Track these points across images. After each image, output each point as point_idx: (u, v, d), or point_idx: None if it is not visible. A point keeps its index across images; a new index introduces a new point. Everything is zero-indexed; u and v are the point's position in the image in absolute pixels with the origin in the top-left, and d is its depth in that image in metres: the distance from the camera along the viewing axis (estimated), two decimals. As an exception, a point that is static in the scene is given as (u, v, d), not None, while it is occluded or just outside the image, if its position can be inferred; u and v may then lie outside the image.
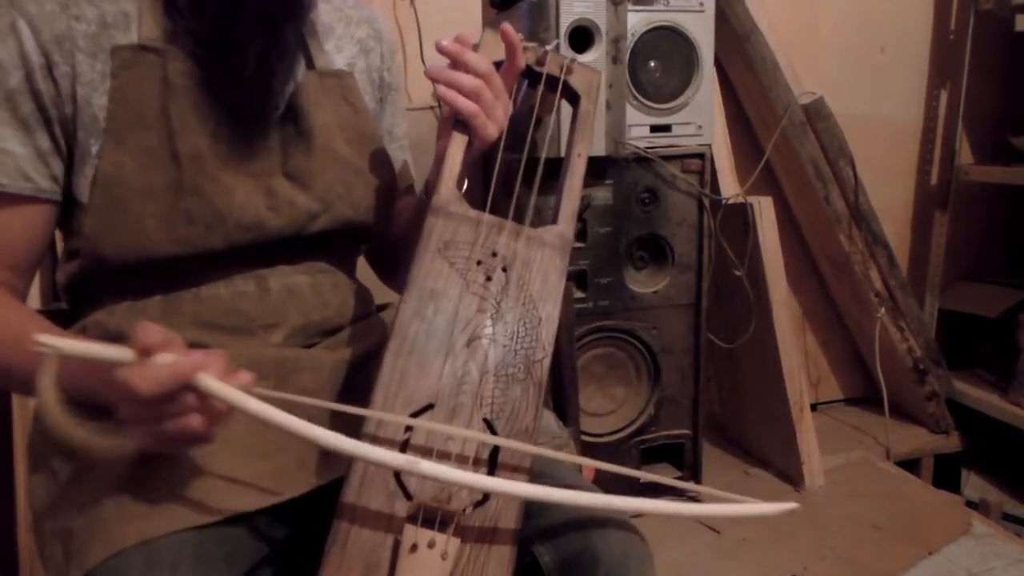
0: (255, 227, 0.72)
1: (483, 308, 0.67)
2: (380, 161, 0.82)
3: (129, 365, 0.53)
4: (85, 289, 0.74)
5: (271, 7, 0.70)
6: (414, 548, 0.59)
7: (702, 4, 1.45)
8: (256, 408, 0.56)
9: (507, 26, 0.72)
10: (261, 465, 0.67)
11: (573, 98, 0.78)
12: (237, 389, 0.56)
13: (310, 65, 0.79)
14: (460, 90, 0.70)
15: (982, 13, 1.96)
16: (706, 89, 1.48)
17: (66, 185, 0.71)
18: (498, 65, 0.74)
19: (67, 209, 0.72)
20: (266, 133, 0.73)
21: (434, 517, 0.60)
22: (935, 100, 2.11)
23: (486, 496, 0.62)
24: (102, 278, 0.72)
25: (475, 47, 0.73)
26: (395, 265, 0.97)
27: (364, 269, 0.93)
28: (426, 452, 0.62)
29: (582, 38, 1.36)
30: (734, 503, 0.66)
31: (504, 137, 0.74)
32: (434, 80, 0.71)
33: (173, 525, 0.62)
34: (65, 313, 0.78)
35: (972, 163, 2.10)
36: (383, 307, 0.90)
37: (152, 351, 0.53)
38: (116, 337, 0.66)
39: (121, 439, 0.57)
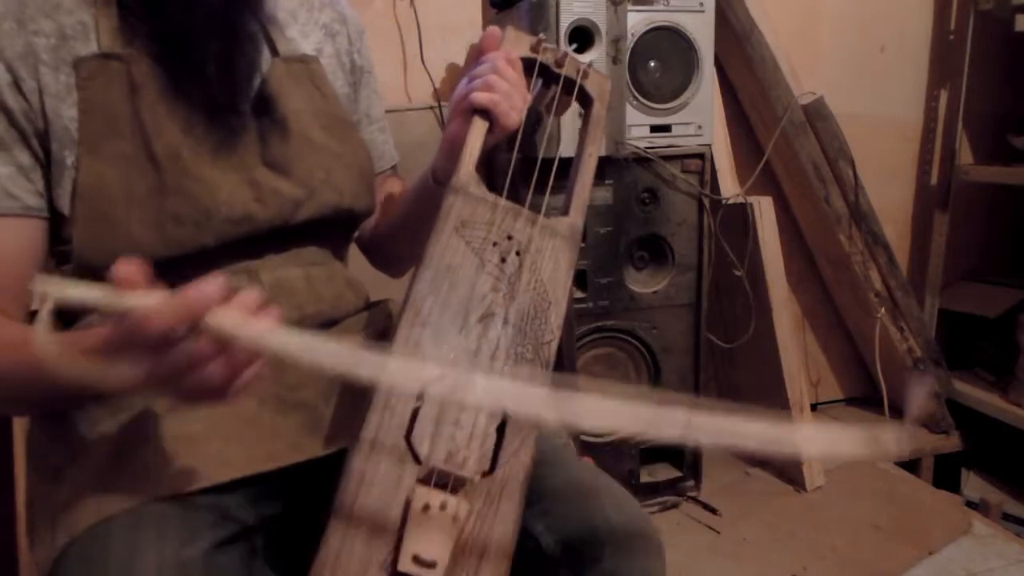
0: (244, 220, 0.72)
1: (497, 288, 0.68)
2: (356, 145, 0.83)
3: (139, 307, 0.49)
4: None
5: (225, 2, 0.70)
6: (426, 508, 0.59)
7: (702, 4, 1.45)
8: (283, 345, 0.50)
9: (493, 29, 0.76)
10: (252, 448, 0.68)
11: (586, 101, 0.81)
12: (252, 327, 0.50)
13: (274, 52, 0.79)
14: (474, 84, 0.73)
15: (982, 13, 1.96)
16: (706, 89, 1.48)
17: (48, 197, 0.70)
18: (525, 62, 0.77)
19: (52, 218, 0.72)
20: (241, 125, 0.73)
21: (446, 482, 0.61)
22: (935, 100, 2.11)
23: (493, 466, 0.64)
24: (93, 283, 0.72)
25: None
26: (391, 249, 0.98)
27: (356, 264, 0.93)
28: (435, 420, 0.63)
29: (582, 38, 1.36)
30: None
31: (523, 128, 0.76)
32: (463, 96, 0.74)
33: (159, 492, 0.63)
34: (60, 314, 0.78)
35: (972, 163, 2.10)
36: (378, 303, 0.89)
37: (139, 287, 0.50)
38: None
39: (131, 369, 0.51)
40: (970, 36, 1.99)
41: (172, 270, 0.71)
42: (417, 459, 0.62)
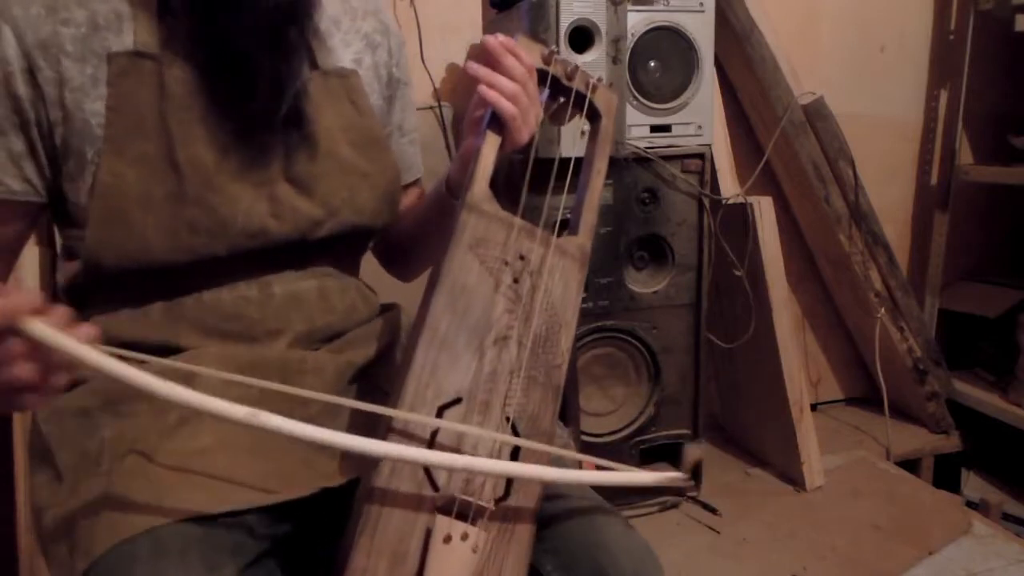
0: (259, 235, 0.72)
1: (511, 309, 0.68)
2: (385, 163, 0.82)
3: None
4: (85, 292, 0.74)
5: (274, 13, 0.69)
6: (448, 539, 0.59)
7: (702, 4, 1.45)
8: (93, 359, 0.52)
9: (488, 38, 0.73)
10: (263, 464, 0.67)
11: (594, 116, 0.80)
12: (71, 338, 0.52)
13: (313, 64, 0.78)
14: (502, 92, 0.71)
15: (982, 13, 1.96)
16: (706, 89, 1.48)
17: (60, 190, 0.70)
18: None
19: (64, 211, 0.72)
20: (269, 136, 0.72)
21: (467, 511, 0.61)
22: (935, 100, 2.11)
23: (506, 494, 0.63)
24: (102, 282, 0.71)
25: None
26: (404, 255, 0.97)
27: (367, 268, 0.92)
28: (453, 448, 0.63)
29: (582, 38, 1.36)
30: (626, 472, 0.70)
31: (535, 142, 0.75)
32: (477, 78, 0.71)
33: (178, 515, 0.62)
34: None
35: (972, 163, 2.10)
36: (388, 307, 0.89)
37: None
38: (120, 343, 0.66)
39: None
40: (970, 36, 1.99)
41: (183, 276, 0.71)
42: (435, 486, 0.61)
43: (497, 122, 0.72)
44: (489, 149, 0.72)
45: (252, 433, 0.67)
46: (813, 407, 2.08)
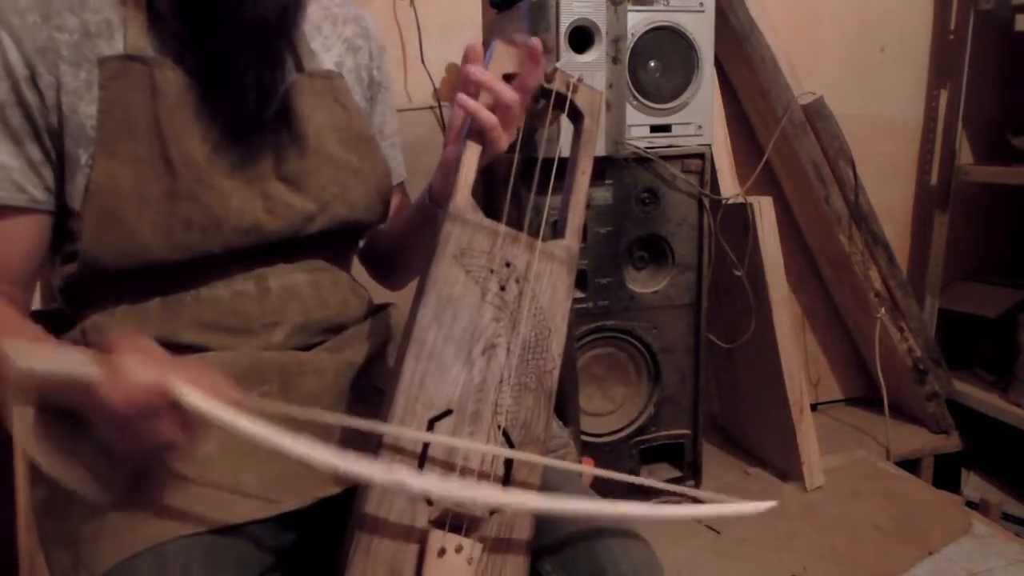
0: (253, 231, 0.72)
1: (498, 317, 0.67)
2: (374, 159, 0.83)
3: (103, 381, 0.53)
4: (82, 292, 0.74)
5: (262, 26, 0.70)
6: (442, 552, 0.59)
7: (702, 4, 1.45)
8: (242, 426, 0.54)
9: (536, 42, 0.71)
10: (265, 470, 0.67)
11: (576, 116, 0.79)
12: (221, 404, 0.55)
13: (299, 67, 0.79)
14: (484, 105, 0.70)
15: (982, 13, 1.96)
16: (706, 89, 1.48)
17: (58, 194, 0.71)
18: (507, 78, 0.73)
19: (60, 215, 0.72)
20: (259, 137, 0.73)
21: (460, 522, 0.61)
22: (935, 100, 2.11)
23: None
24: (99, 282, 0.72)
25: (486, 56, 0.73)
26: (390, 264, 0.98)
27: (357, 267, 0.93)
28: (444, 463, 0.62)
29: (582, 38, 1.36)
30: (731, 503, 0.68)
31: (516, 148, 0.74)
32: (464, 106, 0.69)
33: (182, 530, 0.61)
34: (63, 314, 0.78)
35: (972, 163, 2.10)
36: (382, 307, 0.90)
37: (124, 361, 0.53)
38: None
39: (94, 488, 0.57)
40: (970, 36, 1.99)
41: (180, 274, 0.71)
42: (429, 499, 0.61)
43: (477, 131, 0.71)
44: (471, 158, 0.71)
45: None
46: (813, 407, 2.08)
